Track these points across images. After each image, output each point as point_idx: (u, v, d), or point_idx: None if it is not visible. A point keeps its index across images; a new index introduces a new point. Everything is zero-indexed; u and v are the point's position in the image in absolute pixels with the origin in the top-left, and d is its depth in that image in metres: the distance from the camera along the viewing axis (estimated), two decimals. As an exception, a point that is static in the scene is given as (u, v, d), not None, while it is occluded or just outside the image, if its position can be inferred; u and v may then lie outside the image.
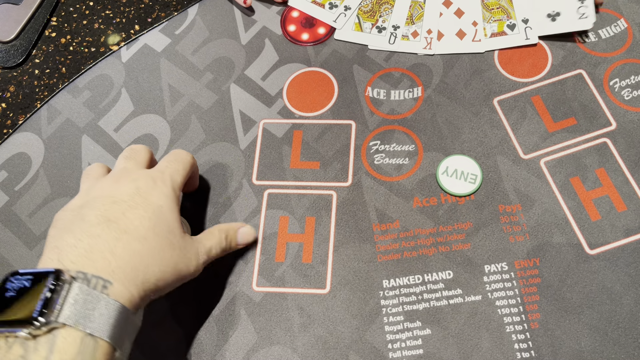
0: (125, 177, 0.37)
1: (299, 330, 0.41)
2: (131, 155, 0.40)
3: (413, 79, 0.50)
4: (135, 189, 0.36)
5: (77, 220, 0.33)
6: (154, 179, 0.37)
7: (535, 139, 0.46)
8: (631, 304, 0.39)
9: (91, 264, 0.31)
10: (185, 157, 0.41)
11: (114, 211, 0.34)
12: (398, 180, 0.46)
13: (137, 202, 0.35)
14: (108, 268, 0.31)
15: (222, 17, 0.55)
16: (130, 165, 0.39)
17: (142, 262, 0.33)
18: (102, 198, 0.35)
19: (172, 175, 0.39)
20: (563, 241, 0.42)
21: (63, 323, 0.28)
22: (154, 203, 0.35)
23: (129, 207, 0.34)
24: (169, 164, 0.40)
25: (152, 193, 0.36)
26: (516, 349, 0.39)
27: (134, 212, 0.34)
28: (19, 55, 0.55)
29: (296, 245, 0.44)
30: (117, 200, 0.35)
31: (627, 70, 0.48)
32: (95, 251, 0.32)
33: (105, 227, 0.33)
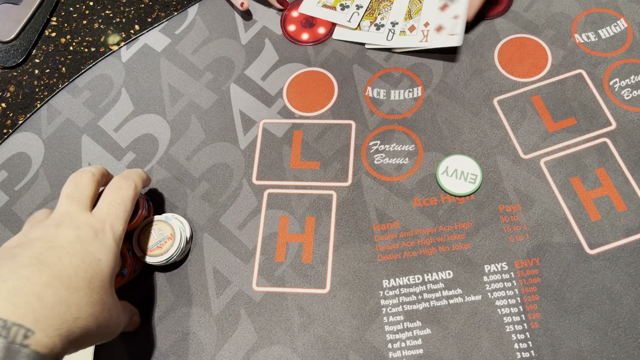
0: (67, 222, 0.35)
1: (299, 330, 0.41)
2: (74, 193, 0.37)
3: (413, 78, 0.50)
4: (76, 236, 0.34)
5: (7, 259, 0.31)
6: (95, 230, 0.35)
7: (535, 139, 0.46)
8: (631, 303, 0.39)
9: (13, 309, 0.28)
10: (127, 193, 0.39)
11: (49, 255, 0.32)
12: (398, 180, 0.46)
13: (75, 250, 0.33)
14: (32, 315, 0.29)
15: (222, 17, 0.55)
16: (72, 209, 0.36)
17: (70, 313, 0.30)
18: (39, 241, 0.33)
19: (113, 225, 0.36)
20: (563, 241, 0.42)
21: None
22: (93, 255, 0.33)
23: (67, 254, 0.32)
24: (109, 208, 0.37)
25: (93, 244, 0.34)
26: (516, 349, 0.39)
27: (70, 260, 0.32)
28: (19, 55, 0.55)
29: (296, 245, 0.44)
30: (55, 245, 0.33)
31: (627, 70, 0.48)
32: (20, 295, 0.29)
33: (36, 270, 0.30)
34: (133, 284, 0.43)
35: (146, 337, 0.42)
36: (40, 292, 0.30)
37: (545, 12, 0.52)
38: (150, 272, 0.44)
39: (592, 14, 0.51)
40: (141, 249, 0.41)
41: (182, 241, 0.42)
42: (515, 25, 0.51)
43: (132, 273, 0.42)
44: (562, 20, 0.51)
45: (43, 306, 0.29)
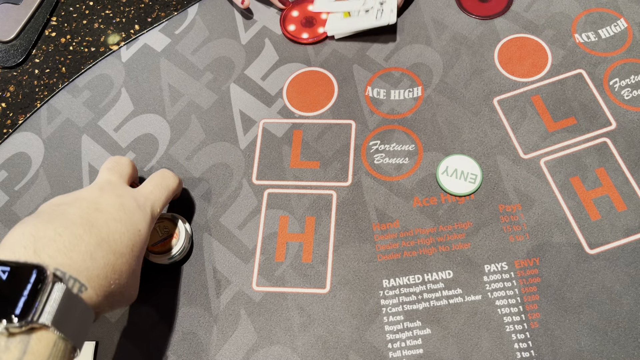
0: (111, 190, 0.36)
1: (299, 330, 0.41)
2: (115, 168, 0.39)
3: (413, 78, 0.50)
4: (120, 205, 0.35)
5: (59, 215, 0.32)
6: (137, 203, 0.36)
7: (535, 139, 0.46)
8: (631, 303, 0.39)
9: (70, 263, 0.30)
10: (172, 183, 0.41)
11: (97, 217, 0.33)
12: (398, 180, 0.46)
13: (120, 217, 0.34)
14: (86, 273, 0.30)
15: (222, 17, 0.55)
16: (114, 179, 0.38)
17: (115, 276, 0.32)
18: (86, 201, 0.34)
19: (154, 204, 0.38)
20: (563, 241, 0.42)
21: (41, 324, 0.27)
22: (135, 225, 0.35)
23: (112, 219, 0.34)
24: (154, 189, 0.39)
25: (136, 215, 0.35)
26: (516, 349, 0.39)
27: (115, 225, 0.33)
28: (19, 55, 0.55)
29: (296, 245, 0.44)
30: (102, 209, 0.34)
31: (627, 70, 0.48)
32: (76, 251, 0.30)
33: (88, 229, 0.32)
34: (133, 283, 0.43)
35: (146, 337, 0.42)
36: (92, 251, 0.31)
37: (545, 12, 0.52)
38: (150, 272, 0.44)
39: (592, 14, 0.51)
40: None
41: (186, 240, 0.42)
42: (515, 25, 0.51)
43: None
44: (562, 20, 0.51)
45: (95, 265, 0.31)
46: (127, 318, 0.42)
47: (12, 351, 0.26)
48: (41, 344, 0.27)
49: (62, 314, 0.28)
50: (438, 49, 0.51)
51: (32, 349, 0.27)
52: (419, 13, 0.53)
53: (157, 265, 0.44)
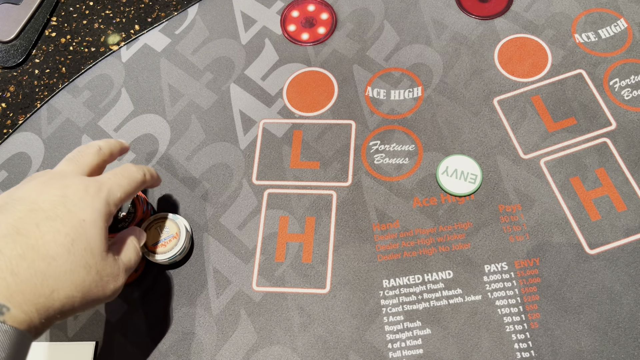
0: (57, 181, 0.33)
1: (299, 330, 0.41)
2: (75, 157, 0.36)
3: (413, 78, 0.50)
4: (61, 197, 0.32)
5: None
6: (86, 189, 0.33)
7: (535, 139, 0.46)
8: (631, 303, 0.39)
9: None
10: (135, 173, 0.38)
11: (27, 221, 0.30)
12: (398, 180, 0.46)
13: (57, 213, 0.31)
14: (6, 291, 0.28)
15: (222, 17, 0.55)
16: (68, 169, 0.35)
17: (47, 284, 0.29)
18: (22, 202, 0.31)
19: (111, 189, 0.35)
20: (563, 241, 0.42)
21: None
22: (77, 216, 0.32)
23: (46, 218, 0.31)
24: (114, 176, 0.36)
25: (79, 204, 0.32)
26: (516, 349, 0.39)
27: (49, 225, 0.30)
28: (19, 55, 0.55)
29: (296, 245, 0.44)
30: (36, 208, 0.31)
31: (627, 70, 0.48)
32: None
33: (10, 240, 0.29)
34: (133, 283, 0.43)
35: (146, 337, 0.42)
36: (14, 265, 0.28)
37: (545, 12, 0.52)
38: (150, 272, 0.44)
39: (592, 14, 0.51)
40: (145, 245, 0.41)
41: (186, 240, 0.42)
42: (515, 25, 0.51)
43: (134, 272, 0.42)
44: (562, 20, 0.51)
45: (17, 280, 0.28)
46: (127, 318, 0.42)
47: None
48: None
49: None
50: (438, 49, 0.51)
51: None
52: (419, 13, 0.53)
53: (157, 265, 0.44)
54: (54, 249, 0.30)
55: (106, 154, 0.38)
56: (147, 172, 0.39)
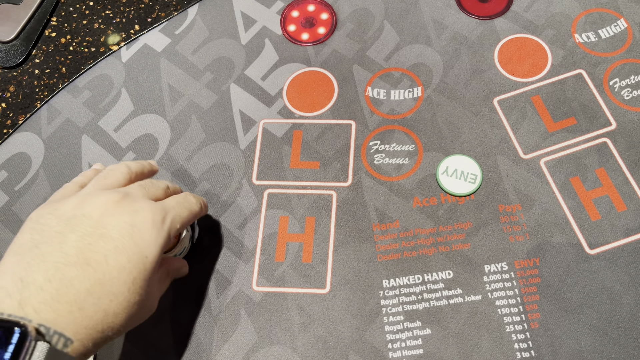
0: (127, 205, 0.33)
1: (299, 330, 0.41)
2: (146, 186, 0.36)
3: (413, 78, 0.50)
4: (130, 226, 0.32)
5: (56, 245, 0.30)
6: (153, 218, 0.33)
7: (535, 139, 0.46)
8: (631, 303, 0.39)
9: (56, 317, 0.28)
10: (195, 205, 0.38)
11: (97, 250, 0.30)
12: (398, 180, 0.46)
13: (125, 246, 0.31)
14: (73, 325, 0.28)
15: (222, 17, 0.55)
16: (138, 193, 0.35)
17: (106, 322, 0.30)
18: (92, 223, 0.31)
19: (174, 220, 0.35)
20: (563, 241, 0.42)
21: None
22: (142, 252, 0.32)
23: (115, 250, 0.31)
24: (177, 205, 0.36)
25: (145, 237, 0.32)
26: (516, 349, 0.39)
27: (116, 259, 0.31)
28: (19, 55, 0.55)
29: (296, 245, 0.44)
30: (106, 234, 0.31)
31: (627, 70, 0.48)
32: (63, 302, 0.28)
33: (80, 271, 0.29)
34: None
35: (146, 337, 0.42)
36: (82, 300, 0.29)
37: (545, 12, 0.52)
38: (150, 272, 0.44)
39: (592, 14, 0.51)
40: None
41: (186, 240, 0.42)
42: (515, 25, 0.51)
43: None
44: (562, 20, 0.51)
45: (83, 316, 0.29)
46: (127, 318, 0.42)
47: None
48: None
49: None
50: (438, 49, 0.51)
51: None
52: (419, 13, 0.53)
53: None
54: (117, 287, 0.30)
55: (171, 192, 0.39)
56: (202, 204, 0.40)
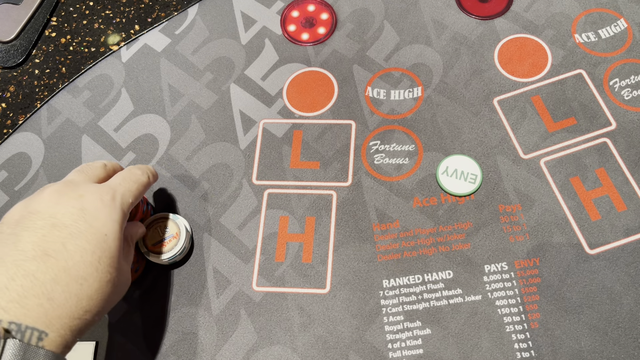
0: (70, 190, 0.33)
1: (299, 330, 0.41)
2: (84, 169, 0.37)
3: (413, 78, 0.50)
4: (80, 210, 0.32)
5: (11, 245, 0.30)
6: (101, 198, 0.33)
7: (535, 139, 0.46)
8: (631, 303, 0.39)
9: (25, 312, 0.28)
10: (141, 177, 0.38)
11: (53, 240, 0.30)
12: (398, 180, 0.46)
13: (79, 230, 0.31)
14: (44, 318, 0.28)
15: (222, 17, 0.55)
16: (78, 178, 0.35)
17: (80, 306, 0.30)
18: (40, 216, 0.31)
19: (124, 196, 0.35)
20: (563, 241, 0.42)
21: None
22: (99, 231, 0.32)
23: (70, 235, 0.31)
24: (123, 181, 0.37)
25: (98, 217, 0.32)
26: (516, 349, 0.39)
27: (75, 243, 0.31)
28: (19, 55, 0.55)
29: (296, 245, 0.44)
30: (58, 223, 0.31)
31: (627, 70, 0.48)
32: (30, 296, 0.28)
33: (41, 263, 0.29)
34: (134, 283, 0.43)
35: (146, 337, 0.42)
36: (49, 290, 0.29)
37: (545, 12, 0.52)
38: (150, 272, 0.44)
39: (592, 14, 0.51)
40: (145, 245, 0.42)
41: (186, 240, 0.42)
42: (515, 25, 0.51)
43: (134, 273, 0.42)
44: (562, 20, 0.51)
45: (54, 306, 0.29)
46: (127, 318, 0.42)
47: None
48: None
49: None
50: (438, 49, 0.51)
51: None
52: (419, 13, 0.53)
53: (157, 265, 0.44)
54: (84, 270, 0.30)
55: (109, 170, 0.39)
56: (149, 173, 0.40)
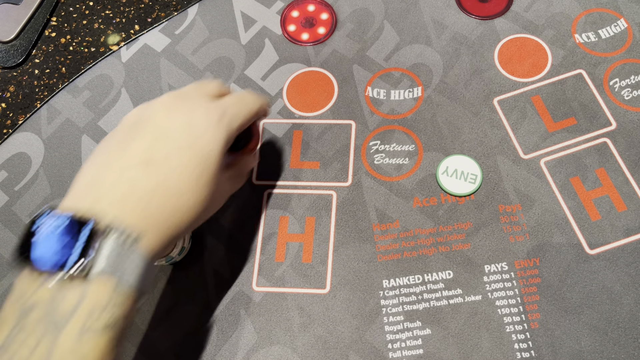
0: (182, 104, 0.34)
1: (299, 330, 0.41)
2: (201, 85, 0.37)
3: (413, 78, 0.50)
4: (188, 125, 0.33)
5: (120, 150, 0.32)
6: (210, 117, 0.34)
7: (535, 139, 0.46)
8: (631, 303, 0.39)
9: (124, 216, 0.29)
10: (253, 104, 0.38)
11: (157, 150, 0.32)
12: (398, 180, 0.46)
13: (184, 145, 0.32)
14: (141, 222, 0.30)
15: (222, 17, 0.55)
16: (194, 93, 0.35)
17: (174, 219, 0.31)
18: (152, 125, 0.33)
19: (232, 119, 0.35)
20: (563, 241, 0.42)
21: (96, 273, 0.27)
22: (202, 149, 0.33)
23: (175, 149, 0.32)
24: (235, 104, 0.36)
25: (204, 135, 0.33)
26: (516, 349, 0.39)
27: (178, 157, 0.32)
28: (19, 55, 0.55)
29: (296, 245, 0.44)
30: (165, 135, 0.32)
31: (627, 70, 0.48)
32: (130, 202, 0.30)
33: (144, 171, 0.31)
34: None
35: (146, 337, 0.42)
36: (148, 199, 0.30)
37: (545, 12, 0.52)
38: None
39: (592, 14, 0.51)
40: None
41: (186, 240, 0.42)
42: (515, 25, 0.51)
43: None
44: (562, 20, 0.51)
45: (150, 214, 0.30)
46: (127, 318, 0.42)
47: (71, 297, 0.26)
48: (99, 290, 0.27)
49: (117, 262, 0.28)
50: (438, 49, 0.51)
51: (90, 294, 0.27)
52: (419, 13, 0.53)
53: (157, 266, 0.44)
54: (183, 184, 0.31)
55: (225, 91, 0.38)
56: (264, 103, 0.39)
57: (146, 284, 0.30)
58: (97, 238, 0.28)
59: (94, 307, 0.27)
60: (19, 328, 0.26)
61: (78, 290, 0.27)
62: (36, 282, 0.27)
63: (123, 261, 0.28)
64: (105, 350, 0.27)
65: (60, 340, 0.26)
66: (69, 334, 0.26)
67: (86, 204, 0.29)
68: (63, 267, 0.27)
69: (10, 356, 0.25)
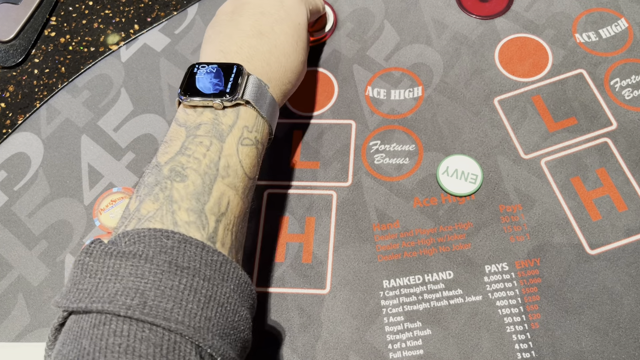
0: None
1: (299, 331, 0.41)
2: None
3: (413, 78, 0.50)
4: (280, 2, 0.40)
5: (234, 27, 0.38)
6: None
7: (535, 139, 0.46)
8: (632, 304, 0.39)
9: (253, 69, 0.36)
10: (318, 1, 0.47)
11: (263, 23, 0.39)
12: (398, 180, 0.46)
13: (281, 17, 0.39)
14: (266, 76, 0.37)
15: (221, 17, 0.55)
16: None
17: (286, 76, 0.39)
18: (251, 6, 0.40)
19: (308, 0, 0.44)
20: (564, 241, 0.42)
21: (246, 100, 0.34)
22: (295, 20, 0.40)
23: (276, 21, 0.39)
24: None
25: (294, 9, 0.41)
26: (517, 349, 0.39)
27: (280, 27, 0.39)
28: (19, 55, 0.55)
29: (296, 245, 0.44)
30: (264, 11, 0.39)
31: (628, 69, 0.48)
32: (255, 60, 0.37)
33: (259, 39, 0.38)
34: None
35: (146, 338, 0.42)
36: (267, 58, 0.38)
37: (545, 11, 0.52)
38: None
39: (593, 14, 0.51)
40: None
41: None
42: (516, 25, 0.51)
43: None
44: (562, 20, 0.51)
45: (271, 70, 0.38)
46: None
47: (229, 116, 0.34)
48: (248, 114, 0.35)
49: (257, 97, 0.35)
50: (438, 49, 0.51)
51: (242, 116, 0.34)
52: (419, 13, 0.53)
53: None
54: (287, 48, 0.39)
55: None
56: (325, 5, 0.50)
57: (273, 123, 0.38)
58: (242, 78, 0.35)
59: (246, 125, 0.34)
60: (192, 137, 0.33)
61: (234, 111, 0.34)
62: (198, 109, 0.34)
63: (262, 96, 0.36)
64: (255, 160, 0.35)
65: (225, 145, 0.33)
66: (231, 141, 0.33)
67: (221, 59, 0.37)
68: (221, 94, 0.34)
69: (190, 154, 0.32)
